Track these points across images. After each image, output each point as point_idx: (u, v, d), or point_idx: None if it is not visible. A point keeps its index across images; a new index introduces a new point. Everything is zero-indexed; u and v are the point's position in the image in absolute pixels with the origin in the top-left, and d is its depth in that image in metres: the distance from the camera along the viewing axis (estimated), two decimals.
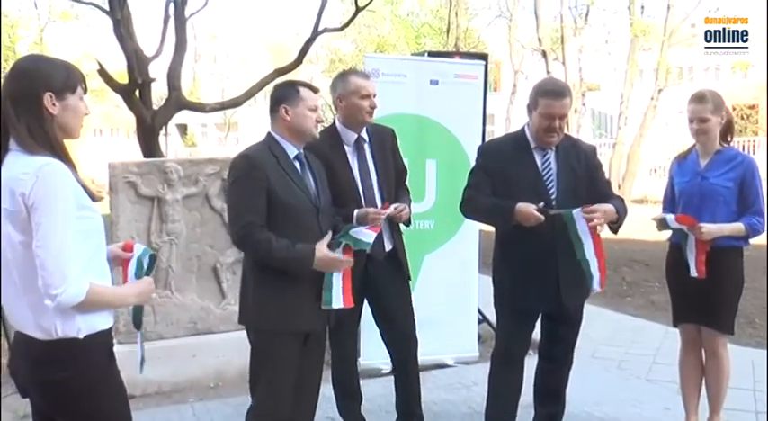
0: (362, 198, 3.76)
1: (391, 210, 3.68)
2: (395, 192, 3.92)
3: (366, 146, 3.85)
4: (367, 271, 3.60)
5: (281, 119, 3.21)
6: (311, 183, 3.25)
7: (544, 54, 21.94)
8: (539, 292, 3.59)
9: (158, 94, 14.95)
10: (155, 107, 9.51)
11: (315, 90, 3.31)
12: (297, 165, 3.22)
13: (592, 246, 3.46)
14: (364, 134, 3.86)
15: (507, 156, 3.63)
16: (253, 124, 38.52)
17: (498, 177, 3.61)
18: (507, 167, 3.60)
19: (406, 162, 4.15)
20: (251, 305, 3.17)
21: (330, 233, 3.20)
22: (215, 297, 5.14)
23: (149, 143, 9.02)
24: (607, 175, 4.02)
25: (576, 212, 3.41)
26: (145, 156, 8.55)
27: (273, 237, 3.04)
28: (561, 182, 3.58)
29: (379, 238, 3.77)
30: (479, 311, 5.83)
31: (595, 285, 3.50)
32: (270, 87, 9.00)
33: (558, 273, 3.55)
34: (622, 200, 3.70)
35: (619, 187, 18.58)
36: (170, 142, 31.77)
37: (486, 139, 5.19)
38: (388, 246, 3.86)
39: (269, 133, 3.26)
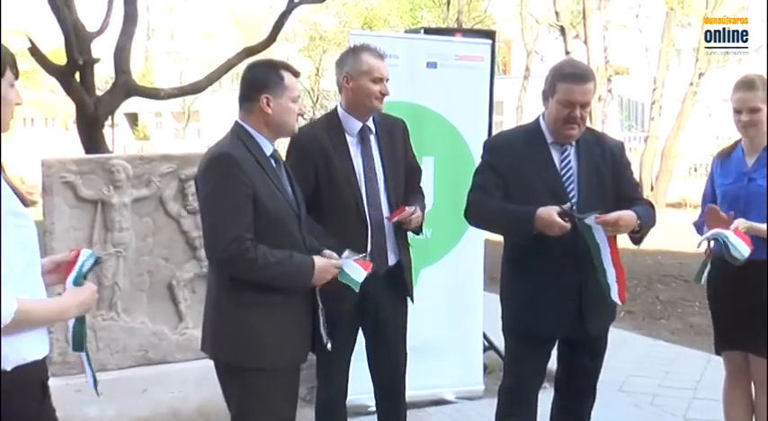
0: (365, 199, 3.78)
1: (407, 212, 3.73)
2: (405, 197, 3.94)
3: (372, 137, 3.87)
4: (364, 289, 3.58)
5: (259, 110, 3.17)
6: (288, 187, 3.26)
7: (563, 31, 22.07)
8: (557, 314, 3.59)
9: (103, 77, 14.87)
10: (99, 92, 9.52)
11: (297, 74, 3.30)
12: (272, 163, 3.22)
13: (609, 255, 3.47)
14: (371, 123, 3.87)
15: (519, 152, 3.63)
16: (217, 113, 38.47)
17: (509, 177, 3.62)
18: (519, 165, 3.60)
19: None
20: (236, 337, 3.13)
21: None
22: (170, 320, 5.13)
23: (92, 136, 9.03)
24: (638, 175, 4.04)
25: (591, 219, 3.41)
26: (86, 152, 8.55)
27: (269, 251, 3.04)
28: (583, 183, 3.59)
29: (383, 249, 3.81)
30: (485, 337, 5.84)
31: (614, 296, 3.51)
32: (237, 70, 9.01)
33: (581, 291, 3.56)
34: (651, 205, 3.73)
35: (652, 189, 18.69)
36: (117, 135, 31.67)
37: (494, 132, 5.21)
38: (391, 260, 3.87)
39: (239, 125, 3.22)
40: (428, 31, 6.48)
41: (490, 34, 6.14)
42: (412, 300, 4.03)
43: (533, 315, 3.63)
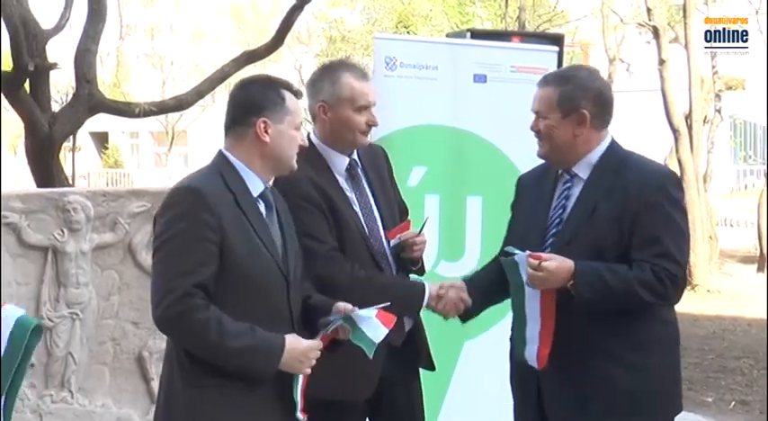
0: (371, 246, 3.85)
1: (411, 232, 3.89)
2: None
3: (360, 172, 3.97)
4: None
5: (253, 138, 3.20)
6: (278, 237, 3.25)
7: (656, 32, 22.00)
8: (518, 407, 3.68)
9: (62, 87, 15.01)
10: (55, 107, 9.58)
11: (299, 95, 3.35)
12: (261, 207, 3.23)
13: (538, 302, 3.46)
14: (356, 156, 3.97)
15: (528, 190, 3.86)
16: (208, 135, 38.74)
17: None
18: (523, 205, 3.85)
19: (435, 199, 4.19)
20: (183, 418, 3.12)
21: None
22: (140, 401, 5.14)
23: (45, 162, 9.05)
24: (756, 224, 3.91)
25: (522, 256, 3.41)
26: (38, 184, 8.59)
27: (224, 317, 3.00)
28: (569, 226, 3.55)
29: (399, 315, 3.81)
30: None
31: (528, 356, 3.50)
32: (234, 79, 9.04)
33: (539, 377, 3.56)
34: (656, 274, 3.39)
35: None
36: (80, 161, 31.89)
37: None
38: (407, 325, 3.89)
39: (222, 155, 3.25)
40: (476, 34, 6.41)
41: (556, 39, 6.18)
42: (433, 368, 4.05)
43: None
